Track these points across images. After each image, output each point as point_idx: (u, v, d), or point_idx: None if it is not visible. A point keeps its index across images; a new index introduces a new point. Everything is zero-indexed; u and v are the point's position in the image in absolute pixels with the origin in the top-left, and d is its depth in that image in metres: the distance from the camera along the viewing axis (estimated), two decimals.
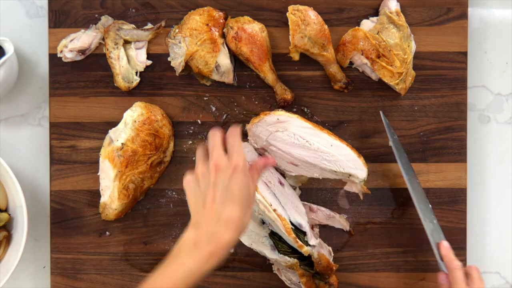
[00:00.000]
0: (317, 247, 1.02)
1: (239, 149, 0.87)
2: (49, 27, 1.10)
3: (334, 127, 1.11)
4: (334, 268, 1.03)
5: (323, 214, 1.08)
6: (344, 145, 1.04)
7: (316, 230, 1.09)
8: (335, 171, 1.04)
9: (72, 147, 1.10)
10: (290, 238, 0.99)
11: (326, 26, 1.07)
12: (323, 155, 1.03)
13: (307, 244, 1.01)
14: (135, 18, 1.11)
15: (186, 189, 0.87)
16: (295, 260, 1.01)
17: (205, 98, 1.11)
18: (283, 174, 1.08)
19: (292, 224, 1.01)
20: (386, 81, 1.07)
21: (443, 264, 0.99)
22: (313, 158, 1.03)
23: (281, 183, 1.05)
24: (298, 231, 1.02)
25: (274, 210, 0.99)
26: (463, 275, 0.96)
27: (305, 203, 1.08)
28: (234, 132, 0.89)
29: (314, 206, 1.08)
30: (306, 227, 1.02)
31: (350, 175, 1.04)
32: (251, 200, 0.86)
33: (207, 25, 1.06)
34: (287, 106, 1.09)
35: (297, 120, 1.04)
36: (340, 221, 1.09)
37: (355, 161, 1.05)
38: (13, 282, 1.13)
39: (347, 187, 1.10)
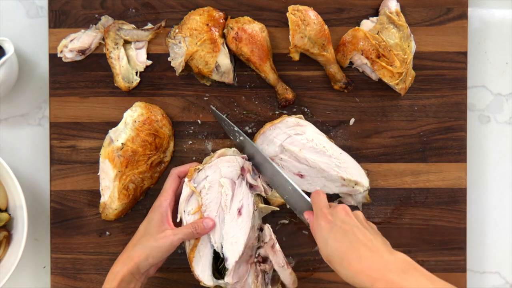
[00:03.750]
0: (233, 286, 1.00)
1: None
2: (49, 27, 1.10)
3: (334, 127, 1.11)
4: None
5: (277, 260, 1.01)
6: (348, 155, 1.07)
7: (264, 269, 1.04)
8: (344, 179, 1.04)
9: (72, 147, 1.10)
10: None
11: (326, 26, 1.07)
12: (336, 162, 1.04)
13: (222, 277, 1.00)
14: (135, 18, 1.11)
15: None
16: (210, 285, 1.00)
17: (205, 98, 1.11)
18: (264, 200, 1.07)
19: (222, 254, 1.00)
20: (386, 81, 1.07)
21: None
22: (326, 164, 1.04)
23: (240, 212, 1.01)
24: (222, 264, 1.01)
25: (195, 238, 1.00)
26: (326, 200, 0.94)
27: (273, 237, 1.02)
28: None
29: (277, 247, 1.02)
30: (230, 265, 0.99)
31: (356, 183, 1.05)
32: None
33: (207, 25, 1.06)
34: (288, 106, 1.09)
35: (312, 126, 1.08)
36: (287, 276, 1.02)
37: (360, 169, 1.07)
38: (13, 282, 1.13)
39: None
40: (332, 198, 1.09)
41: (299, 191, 1.00)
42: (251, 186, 1.04)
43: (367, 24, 1.09)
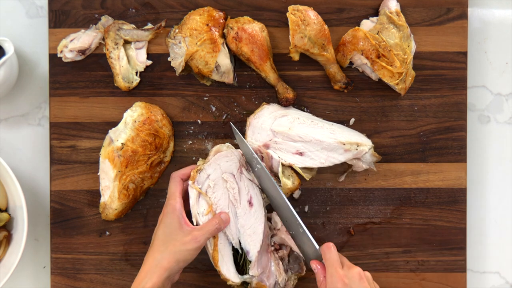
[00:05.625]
0: (259, 277, 1.00)
1: None
2: (49, 27, 1.10)
3: None
4: None
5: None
6: (340, 124, 1.09)
7: (282, 256, 1.05)
8: (344, 143, 1.03)
9: (72, 147, 1.10)
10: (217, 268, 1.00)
11: (326, 26, 1.07)
12: (329, 130, 1.05)
13: (246, 273, 1.00)
14: (135, 18, 1.11)
15: None
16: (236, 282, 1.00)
17: (205, 98, 1.11)
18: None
19: (241, 249, 1.00)
20: (386, 81, 1.07)
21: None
22: (321, 135, 1.04)
23: (250, 203, 1.02)
24: (242, 257, 1.01)
25: (214, 237, 1.00)
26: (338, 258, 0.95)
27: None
28: None
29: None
30: (253, 256, 1.00)
31: (358, 144, 1.04)
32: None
33: (207, 25, 1.06)
34: (289, 106, 1.09)
35: (293, 108, 1.09)
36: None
37: (356, 132, 1.08)
38: (13, 282, 1.13)
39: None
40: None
41: (309, 236, 0.99)
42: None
43: (367, 24, 1.09)
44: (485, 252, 1.15)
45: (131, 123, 1.05)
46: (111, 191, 1.05)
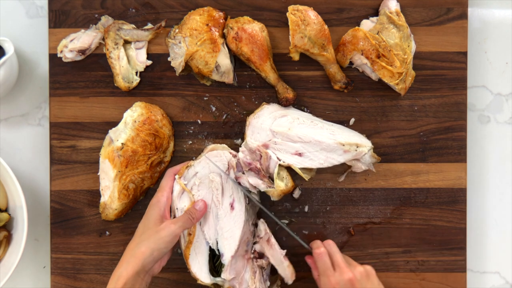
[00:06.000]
0: (231, 282, 1.00)
1: None
2: (49, 27, 1.10)
3: None
4: None
5: (274, 253, 1.02)
6: (340, 125, 1.09)
7: (261, 265, 1.04)
8: (343, 144, 1.03)
9: (72, 147, 1.10)
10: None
11: (326, 26, 1.07)
12: (329, 131, 1.05)
13: (218, 275, 1.00)
14: (135, 18, 1.11)
15: None
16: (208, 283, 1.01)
17: (205, 98, 1.11)
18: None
19: (218, 250, 1.00)
20: (386, 81, 1.07)
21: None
22: (321, 135, 1.04)
23: (232, 206, 1.02)
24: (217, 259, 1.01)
25: (189, 234, 1.00)
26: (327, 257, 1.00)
27: (268, 232, 1.03)
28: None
29: (273, 240, 1.02)
30: (226, 260, 1.00)
31: (357, 145, 1.04)
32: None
33: (207, 25, 1.06)
34: (289, 105, 1.09)
35: (293, 108, 1.09)
36: (284, 269, 1.01)
37: (356, 133, 1.08)
38: (13, 282, 1.13)
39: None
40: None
41: (299, 240, 1.03)
42: (239, 183, 1.04)
43: (367, 24, 1.09)
44: (485, 252, 1.15)
45: (131, 123, 1.05)
46: (111, 191, 1.05)
